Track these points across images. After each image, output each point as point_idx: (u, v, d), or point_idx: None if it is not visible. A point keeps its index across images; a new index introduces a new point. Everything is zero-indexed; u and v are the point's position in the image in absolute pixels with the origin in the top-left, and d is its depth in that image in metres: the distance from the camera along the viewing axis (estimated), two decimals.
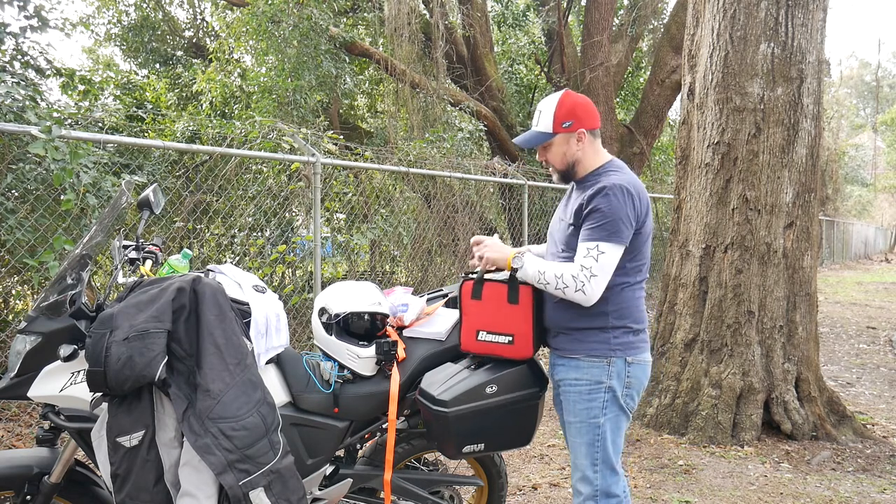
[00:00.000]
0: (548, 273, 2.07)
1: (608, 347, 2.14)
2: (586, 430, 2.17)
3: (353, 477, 2.41)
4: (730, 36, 4.51)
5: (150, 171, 5.29)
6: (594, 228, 2.05)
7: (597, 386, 2.14)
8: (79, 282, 2.02)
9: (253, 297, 2.21)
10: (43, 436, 2.19)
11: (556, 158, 2.21)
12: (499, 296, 2.19)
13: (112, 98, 7.55)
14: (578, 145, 2.18)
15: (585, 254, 2.04)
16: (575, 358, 2.17)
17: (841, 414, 4.51)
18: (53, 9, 5.05)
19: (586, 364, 2.15)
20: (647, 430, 4.52)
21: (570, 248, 2.14)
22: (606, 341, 2.15)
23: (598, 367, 2.14)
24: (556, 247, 2.25)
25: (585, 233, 2.07)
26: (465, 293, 2.23)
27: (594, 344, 2.14)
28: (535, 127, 2.20)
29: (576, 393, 2.17)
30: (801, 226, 4.51)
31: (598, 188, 2.07)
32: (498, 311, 2.19)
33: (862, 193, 36.75)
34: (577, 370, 2.17)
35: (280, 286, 5.95)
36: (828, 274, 19.96)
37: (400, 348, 2.36)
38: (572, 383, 2.18)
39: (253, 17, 8.14)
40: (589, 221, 2.07)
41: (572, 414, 2.19)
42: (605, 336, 2.14)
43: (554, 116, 2.16)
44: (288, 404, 2.27)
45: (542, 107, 2.19)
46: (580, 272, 2.04)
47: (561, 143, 2.19)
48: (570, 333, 2.18)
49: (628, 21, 11.32)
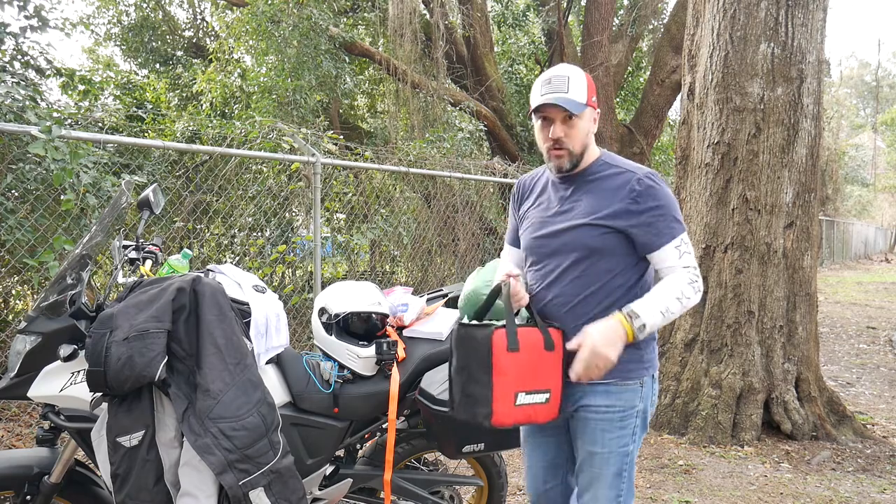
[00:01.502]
0: (670, 304, 1.76)
1: (642, 367, 1.87)
2: (615, 461, 1.86)
3: (353, 477, 2.41)
4: (730, 36, 4.51)
5: (150, 171, 5.29)
6: (668, 224, 1.80)
7: (630, 412, 1.86)
8: (79, 282, 2.02)
9: (253, 297, 2.20)
10: (43, 436, 2.18)
11: (579, 137, 1.84)
12: (535, 343, 1.79)
13: (112, 98, 7.55)
14: (594, 127, 1.90)
15: (679, 253, 1.80)
16: (605, 383, 1.84)
17: (841, 414, 4.51)
18: (53, 9, 5.05)
19: (618, 389, 1.85)
20: (647, 430, 4.52)
21: (599, 253, 1.82)
22: (640, 360, 1.87)
23: (632, 390, 1.86)
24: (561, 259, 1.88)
25: (662, 232, 1.79)
26: (498, 346, 1.74)
27: (628, 365, 1.83)
28: (565, 94, 1.80)
29: (606, 422, 1.85)
30: (801, 226, 4.51)
31: (637, 182, 1.81)
32: (538, 362, 1.79)
33: (862, 193, 36.74)
34: (607, 396, 1.85)
35: (280, 286, 5.95)
36: (828, 274, 19.96)
37: (400, 348, 2.36)
38: (601, 411, 1.85)
39: (253, 17, 8.15)
40: (657, 220, 1.79)
41: (599, 444, 1.86)
42: (639, 354, 1.86)
43: (588, 86, 1.84)
44: (288, 404, 2.27)
45: (569, 72, 1.83)
46: (690, 273, 1.80)
47: (588, 120, 1.86)
48: None
49: (628, 21, 11.32)
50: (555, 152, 1.86)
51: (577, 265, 1.85)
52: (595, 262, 1.83)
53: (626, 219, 1.80)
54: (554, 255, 1.89)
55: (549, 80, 1.82)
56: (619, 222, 1.80)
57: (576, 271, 1.85)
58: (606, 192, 1.83)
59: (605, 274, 1.84)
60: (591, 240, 1.82)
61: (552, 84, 1.81)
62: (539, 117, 1.87)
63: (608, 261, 1.83)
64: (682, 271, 1.80)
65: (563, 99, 1.78)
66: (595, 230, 1.81)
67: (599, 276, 1.84)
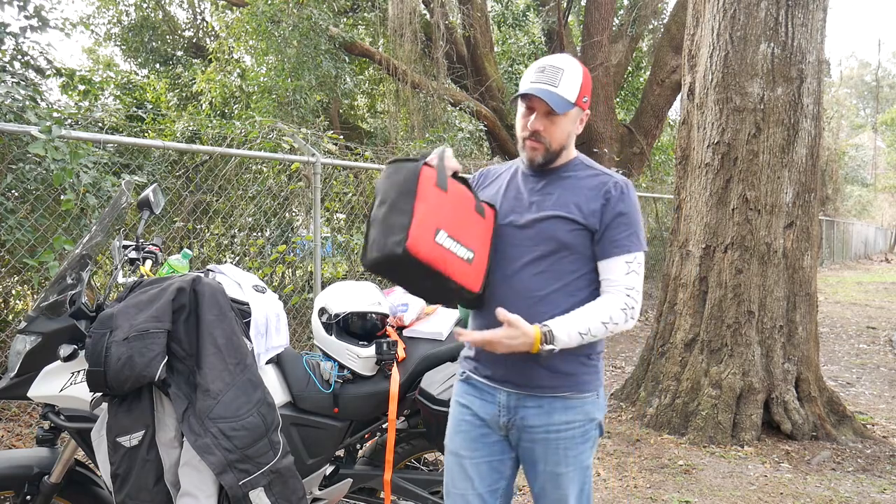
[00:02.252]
0: (593, 327, 1.64)
1: (597, 378, 1.78)
2: (578, 478, 1.76)
3: (353, 477, 2.41)
4: (730, 36, 4.51)
5: (150, 171, 5.29)
6: (629, 236, 1.71)
7: (590, 424, 1.76)
8: (79, 282, 2.02)
9: (253, 297, 2.21)
10: (43, 436, 2.19)
11: (559, 136, 1.73)
12: (466, 197, 1.69)
13: (112, 98, 7.55)
14: (578, 128, 1.79)
15: (627, 270, 1.70)
16: (562, 397, 1.73)
17: (841, 414, 4.51)
18: (53, 9, 5.05)
19: (577, 402, 1.74)
20: (647, 430, 4.52)
21: (567, 249, 1.71)
22: (596, 371, 1.78)
23: (591, 402, 1.76)
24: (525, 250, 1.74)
25: (619, 242, 1.70)
26: (425, 177, 1.61)
27: (584, 377, 1.75)
28: (554, 87, 1.68)
29: (567, 438, 1.73)
30: (801, 226, 4.51)
31: (613, 185, 1.72)
32: (466, 215, 1.67)
33: (862, 193, 36.75)
34: (566, 411, 1.73)
35: (280, 286, 5.95)
36: (828, 274, 19.96)
37: (400, 348, 2.36)
38: (562, 428, 1.73)
39: (253, 17, 8.15)
40: (619, 228, 1.70)
41: (564, 464, 1.74)
42: (594, 366, 1.77)
43: (581, 85, 1.72)
44: (288, 404, 2.27)
45: (565, 65, 1.71)
46: (628, 297, 1.69)
47: (573, 120, 1.75)
48: (556, 365, 1.73)
49: (628, 21, 11.32)
50: (530, 143, 1.74)
51: (543, 259, 1.72)
52: (561, 258, 1.71)
53: (596, 219, 1.71)
54: (519, 245, 1.74)
55: (542, 69, 1.70)
56: (590, 221, 1.70)
57: (541, 265, 1.72)
58: (582, 189, 1.74)
59: (570, 273, 1.72)
60: (562, 234, 1.70)
61: (545, 73, 1.69)
62: (523, 104, 1.75)
63: (574, 259, 1.72)
64: (620, 292, 1.69)
65: (548, 93, 1.67)
66: (567, 224, 1.71)
67: (564, 274, 1.71)
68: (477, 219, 1.69)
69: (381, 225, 1.59)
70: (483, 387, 1.80)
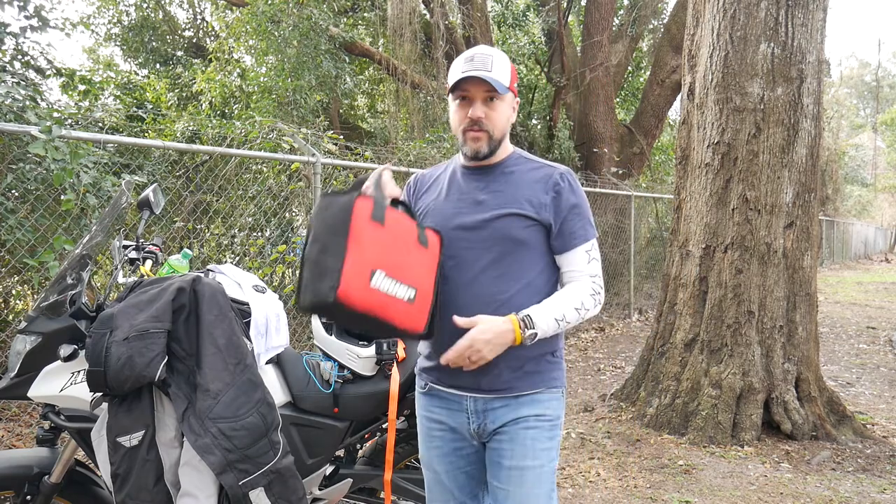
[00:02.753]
0: (567, 313, 1.63)
1: (563, 376, 1.76)
2: (546, 477, 1.68)
3: (353, 477, 2.41)
4: (730, 36, 4.51)
5: (150, 171, 5.29)
6: (583, 225, 1.70)
7: (557, 422, 1.73)
8: (79, 282, 2.02)
9: (253, 297, 2.21)
10: (43, 436, 2.19)
11: (500, 122, 1.69)
12: (406, 229, 1.57)
13: (112, 98, 7.55)
14: (513, 116, 1.75)
15: (588, 259, 1.70)
16: (529, 393, 1.69)
17: (841, 414, 4.51)
18: (53, 9, 5.06)
19: (546, 397, 1.71)
20: (647, 430, 4.52)
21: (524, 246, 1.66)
22: (559, 367, 1.75)
23: (557, 399, 1.74)
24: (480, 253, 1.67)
25: (577, 233, 1.69)
26: (359, 212, 1.47)
27: (552, 373, 1.73)
28: (489, 72, 1.63)
29: (537, 430, 1.68)
30: (801, 226, 4.51)
31: (560, 177, 1.70)
32: (406, 248, 1.54)
33: (862, 193, 36.76)
34: (536, 405, 1.69)
35: (280, 286, 5.95)
36: (828, 274, 19.96)
37: (400, 348, 2.36)
38: (531, 421, 1.68)
39: (253, 17, 8.15)
40: (575, 219, 1.69)
41: (531, 457, 1.66)
42: (558, 364, 1.75)
43: (511, 70, 1.70)
44: (288, 404, 2.27)
45: (493, 53, 1.67)
46: (594, 283, 1.70)
47: (510, 105, 1.72)
48: (521, 365, 1.68)
49: (628, 21, 11.33)
50: (472, 133, 1.67)
51: (501, 261, 1.65)
52: (520, 257, 1.66)
53: (549, 213, 1.67)
54: (471, 249, 1.67)
55: (471, 58, 1.66)
56: (543, 215, 1.66)
57: (499, 268, 1.65)
58: (528, 183, 1.70)
59: (530, 271, 1.67)
60: (517, 231, 1.65)
61: (475, 61, 1.65)
62: (457, 97, 1.69)
63: (532, 256, 1.67)
64: (586, 280, 1.69)
65: (487, 75, 1.62)
66: (521, 221, 1.66)
67: (524, 273, 1.66)
68: (419, 251, 1.56)
69: (314, 267, 1.46)
70: (449, 396, 1.74)
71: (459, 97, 1.69)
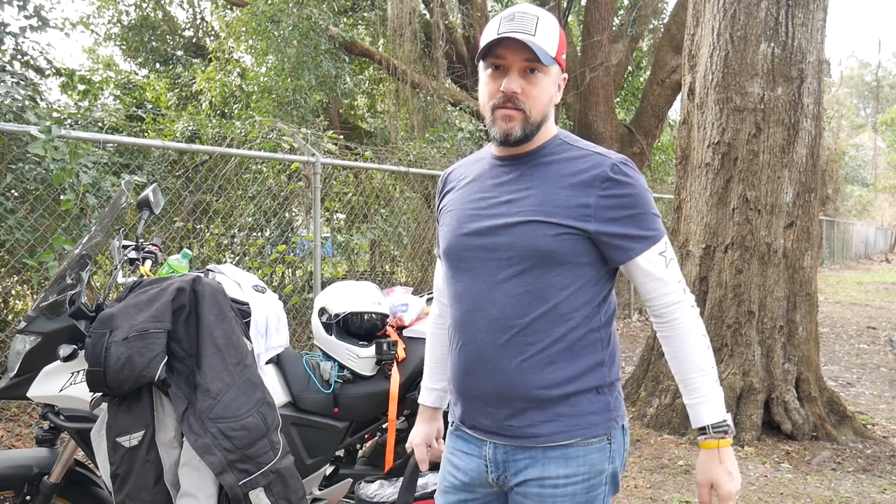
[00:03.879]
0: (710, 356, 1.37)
1: (609, 417, 1.37)
2: None
3: (353, 477, 2.41)
4: (730, 36, 4.51)
5: (150, 171, 5.29)
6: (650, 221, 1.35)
7: (598, 478, 1.36)
8: (78, 282, 2.02)
9: (253, 297, 2.20)
10: (43, 436, 2.19)
11: (541, 100, 1.35)
12: None
13: (112, 98, 7.55)
14: (557, 95, 1.40)
15: (664, 262, 1.35)
16: (562, 446, 1.34)
17: (841, 414, 4.51)
18: (53, 9, 5.06)
19: (581, 451, 1.34)
20: (647, 430, 4.52)
21: (553, 260, 1.32)
22: (606, 407, 1.37)
23: (599, 450, 1.36)
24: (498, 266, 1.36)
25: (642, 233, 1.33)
26: None
27: (591, 417, 1.35)
28: (530, 36, 1.30)
29: (566, 496, 1.35)
30: (801, 226, 4.51)
31: (611, 168, 1.33)
32: None
33: (862, 193, 36.75)
34: (566, 463, 1.34)
35: (280, 286, 5.95)
36: (828, 274, 19.96)
37: (400, 348, 2.36)
38: (560, 485, 1.34)
39: (253, 16, 8.15)
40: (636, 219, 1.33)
41: None
42: (603, 401, 1.37)
43: (560, 38, 1.35)
44: (288, 404, 2.27)
45: (538, 13, 1.34)
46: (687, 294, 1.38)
47: (554, 81, 1.37)
48: (554, 404, 1.34)
49: (628, 21, 11.32)
50: (504, 111, 1.34)
51: (522, 277, 1.33)
52: (546, 272, 1.32)
53: (596, 217, 1.31)
54: (488, 260, 1.36)
55: (511, 17, 1.32)
56: (585, 222, 1.31)
57: (519, 285, 1.33)
58: (568, 178, 1.34)
59: (559, 290, 1.33)
60: (544, 241, 1.31)
61: (515, 21, 1.31)
62: (490, 64, 1.35)
63: (563, 273, 1.33)
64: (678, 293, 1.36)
65: (530, 39, 1.28)
66: (550, 229, 1.31)
67: (551, 292, 1.33)
68: None
69: None
70: (469, 438, 1.45)
71: (492, 65, 1.35)
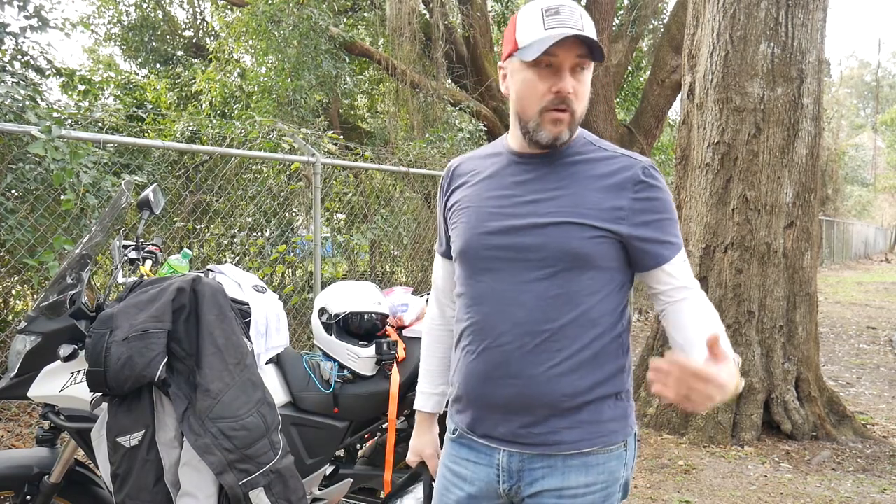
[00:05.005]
0: (728, 341, 1.21)
1: (627, 425, 1.35)
2: None
3: (353, 477, 2.41)
4: (730, 36, 4.51)
5: (150, 171, 5.29)
6: (675, 228, 1.32)
7: (613, 487, 1.34)
8: (79, 282, 2.02)
9: (253, 297, 2.21)
10: (43, 436, 2.19)
11: (585, 99, 1.30)
12: None
13: (112, 98, 7.55)
14: None
15: (685, 268, 1.33)
16: (583, 454, 1.31)
17: (841, 414, 4.51)
18: (53, 9, 5.05)
19: (601, 458, 1.32)
20: (647, 430, 4.52)
21: (585, 264, 1.28)
22: (625, 416, 1.35)
23: (616, 457, 1.34)
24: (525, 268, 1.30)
25: (670, 241, 1.30)
26: None
27: (611, 424, 1.32)
28: (581, 32, 1.23)
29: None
30: (801, 226, 4.51)
31: (643, 172, 1.29)
32: None
33: (862, 193, 36.75)
34: (586, 472, 1.31)
35: (280, 286, 5.95)
36: (828, 274, 19.96)
37: (400, 348, 2.37)
38: (579, 492, 1.31)
39: (253, 17, 8.15)
40: (664, 224, 1.30)
41: None
42: (623, 409, 1.35)
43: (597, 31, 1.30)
44: (288, 404, 2.27)
45: (575, 5, 1.27)
46: (703, 293, 1.35)
47: (590, 77, 1.32)
48: (577, 411, 1.30)
49: (628, 21, 11.32)
50: (555, 114, 1.26)
51: (553, 279, 1.28)
52: (577, 276, 1.28)
53: (629, 220, 1.27)
54: (513, 261, 1.30)
55: (556, 10, 1.24)
56: (618, 225, 1.27)
57: (551, 288, 1.28)
58: (599, 180, 1.29)
59: (590, 295, 1.29)
60: (578, 244, 1.26)
61: (562, 16, 1.24)
62: (541, 62, 1.25)
63: (594, 276, 1.29)
64: (697, 294, 1.33)
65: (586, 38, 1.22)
66: (585, 231, 1.26)
67: (582, 296, 1.28)
68: None
69: None
70: (478, 447, 1.38)
71: (544, 64, 1.26)
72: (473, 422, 1.38)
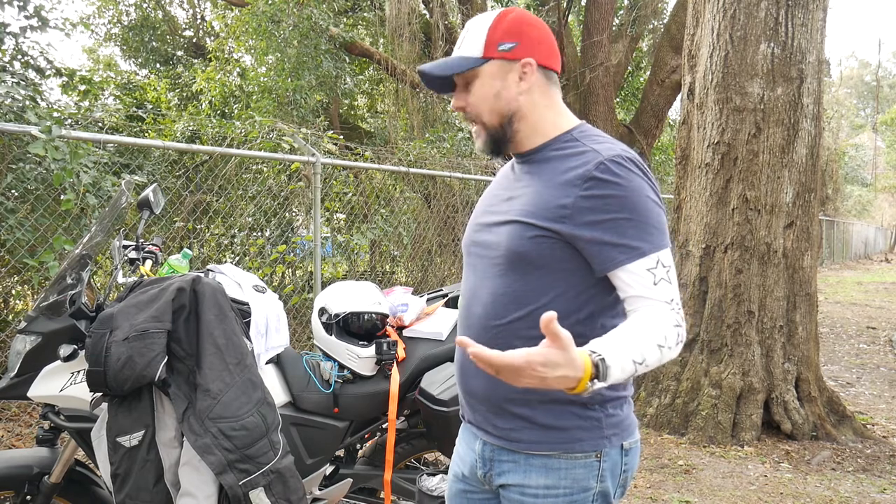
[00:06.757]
0: (648, 353, 1.13)
1: (600, 434, 1.28)
2: None
3: (353, 477, 2.41)
4: (730, 36, 4.51)
5: (150, 171, 5.29)
6: (638, 229, 1.19)
7: (581, 496, 1.29)
8: (79, 282, 2.02)
9: (253, 297, 2.21)
10: (43, 436, 2.19)
11: (482, 103, 1.30)
12: None
13: (112, 98, 7.55)
14: (521, 85, 1.28)
15: (654, 279, 1.19)
16: (542, 456, 1.29)
17: (841, 414, 4.51)
18: (53, 9, 5.06)
19: (563, 464, 1.28)
20: (647, 430, 4.52)
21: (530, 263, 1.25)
22: (598, 425, 1.28)
23: (585, 466, 1.28)
24: (486, 265, 1.33)
25: (625, 241, 1.19)
26: None
27: (576, 431, 1.27)
28: (457, 52, 1.32)
29: None
30: (801, 226, 4.51)
31: (597, 167, 1.20)
32: None
33: (862, 193, 36.76)
34: (546, 474, 1.29)
35: (280, 286, 5.95)
36: (828, 274, 19.96)
37: (400, 348, 2.36)
38: (539, 493, 1.29)
39: (253, 16, 8.15)
40: (620, 223, 1.18)
41: None
42: (594, 418, 1.28)
43: (487, 35, 1.28)
44: (288, 404, 2.27)
45: (470, 25, 1.32)
46: (676, 314, 1.20)
47: (493, 77, 1.28)
48: (528, 410, 1.28)
49: (628, 21, 11.32)
50: (472, 128, 1.35)
51: (503, 277, 1.28)
52: (523, 275, 1.26)
53: (572, 219, 1.20)
54: (481, 257, 1.35)
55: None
56: (560, 224, 1.21)
57: (501, 286, 1.29)
58: (554, 176, 1.26)
59: (540, 295, 1.25)
60: (519, 243, 1.24)
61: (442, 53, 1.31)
62: None
63: (543, 277, 1.25)
64: (663, 308, 1.19)
65: (441, 63, 1.30)
66: (528, 230, 1.24)
67: (529, 296, 1.26)
68: None
69: None
70: (469, 432, 1.43)
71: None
72: (462, 407, 1.45)
